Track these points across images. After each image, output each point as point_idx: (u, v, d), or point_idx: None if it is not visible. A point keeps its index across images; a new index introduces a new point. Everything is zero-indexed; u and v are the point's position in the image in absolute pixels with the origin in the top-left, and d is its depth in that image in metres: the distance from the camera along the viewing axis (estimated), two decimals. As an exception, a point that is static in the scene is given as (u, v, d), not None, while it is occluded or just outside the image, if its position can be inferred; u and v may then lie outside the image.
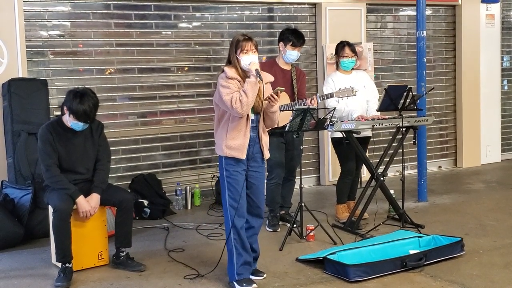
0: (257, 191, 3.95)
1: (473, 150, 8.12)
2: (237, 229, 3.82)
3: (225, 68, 3.85)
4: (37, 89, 5.37)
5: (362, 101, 5.29)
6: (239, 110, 3.66)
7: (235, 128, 3.77)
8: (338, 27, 6.94)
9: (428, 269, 4.12)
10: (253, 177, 3.91)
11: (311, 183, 7.15)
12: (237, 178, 3.82)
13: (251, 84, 3.69)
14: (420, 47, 6.04)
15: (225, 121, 3.82)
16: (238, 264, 3.85)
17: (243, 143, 3.79)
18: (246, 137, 3.80)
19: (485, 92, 8.14)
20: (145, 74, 6.22)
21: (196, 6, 6.43)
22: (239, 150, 3.78)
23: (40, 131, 4.20)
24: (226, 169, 3.83)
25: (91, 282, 4.08)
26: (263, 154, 3.94)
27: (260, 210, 3.99)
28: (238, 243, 3.84)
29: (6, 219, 4.83)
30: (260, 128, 3.91)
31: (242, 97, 3.66)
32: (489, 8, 8.10)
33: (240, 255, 3.85)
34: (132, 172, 6.15)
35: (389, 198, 5.33)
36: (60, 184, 4.13)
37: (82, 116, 4.08)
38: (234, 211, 3.82)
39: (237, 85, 3.78)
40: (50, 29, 5.77)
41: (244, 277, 3.86)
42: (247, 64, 3.76)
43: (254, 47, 3.82)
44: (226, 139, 3.79)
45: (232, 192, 3.82)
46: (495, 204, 6.03)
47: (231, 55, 3.86)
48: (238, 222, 3.82)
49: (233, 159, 3.80)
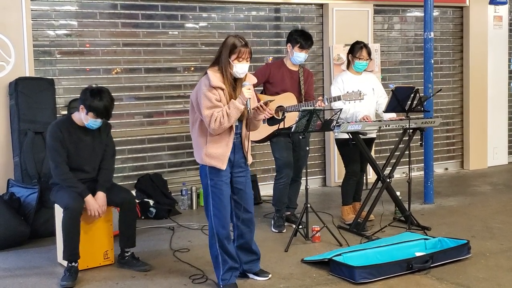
0: (244, 195, 3.82)
1: (480, 152, 8.09)
2: (220, 239, 3.74)
3: (209, 72, 3.60)
4: (44, 88, 5.39)
5: (370, 104, 5.26)
6: (216, 131, 3.51)
7: (217, 135, 3.59)
8: (345, 28, 6.93)
9: (434, 272, 4.10)
10: (239, 182, 3.79)
11: (317, 184, 7.14)
12: (221, 187, 3.66)
13: (237, 109, 3.51)
14: (428, 48, 6.02)
15: (203, 127, 3.60)
16: (223, 270, 3.78)
17: (225, 152, 3.60)
18: (228, 146, 3.62)
19: (493, 94, 8.11)
20: (151, 74, 6.23)
21: (203, 6, 6.43)
22: (220, 160, 3.60)
23: (50, 128, 4.19)
24: (210, 178, 3.66)
25: (96, 281, 4.08)
26: (246, 159, 3.79)
27: (250, 214, 3.87)
28: (223, 251, 3.77)
29: (12, 218, 4.84)
30: (243, 134, 3.76)
31: (223, 119, 3.47)
32: (497, 10, 8.06)
33: (226, 261, 3.78)
34: (138, 172, 6.16)
35: (395, 200, 5.31)
36: (69, 182, 4.13)
37: (103, 113, 4.08)
38: (218, 220, 3.71)
39: (219, 95, 3.57)
40: (57, 28, 5.79)
41: (230, 283, 3.80)
42: (240, 74, 3.61)
43: (249, 56, 3.64)
44: (206, 147, 3.59)
45: (216, 202, 3.68)
46: (502, 206, 5.99)
47: (222, 56, 3.62)
48: (221, 232, 3.73)
49: (214, 167, 3.64)
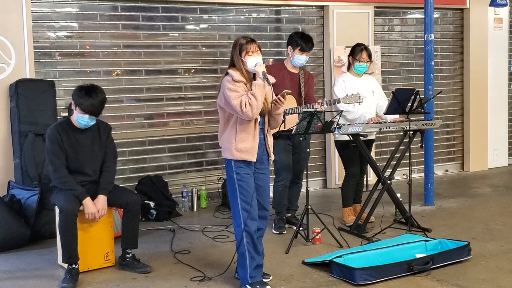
0: (264, 193, 3.94)
1: (480, 154, 8.09)
2: (250, 233, 3.79)
3: (230, 71, 3.80)
4: (44, 90, 5.40)
5: (370, 106, 5.26)
6: (250, 114, 3.64)
7: (244, 130, 3.75)
8: (345, 30, 6.94)
9: (435, 273, 4.10)
10: (260, 179, 3.91)
11: (318, 186, 7.14)
12: (248, 180, 3.80)
13: (259, 86, 3.67)
14: (428, 50, 6.03)
15: (232, 124, 3.79)
16: (251, 268, 3.81)
17: (253, 145, 3.78)
18: (255, 139, 3.79)
19: (493, 95, 8.12)
20: (152, 76, 6.23)
21: (203, 8, 6.43)
22: (250, 153, 3.77)
23: (49, 131, 4.20)
24: (237, 172, 3.79)
25: (97, 283, 4.08)
26: (269, 155, 3.93)
27: (267, 212, 3.99)
28: (251, 247, 3.81)
29: (12, 220, 4.84)
30: (265, 130, 3.90)
31: (251, 100, 3.64)
32: (498, 12, 8.07)
33: (253, 258, 3.82)
34: (139, 173, 6.16)
35: (396, 202, 5.31)
36: (67, 185, 4.13)
37: (89, 107, 4.04)
38: (247, 214, 3.79)
39: (244, 88, 3.75)
40: (58, 30, 5.79)
41: (257, 280, 3.84)
42: (253, 66, 3.72)
43: (258, 49, 3.80)
44: (235, 142, 3.76)
45: (244, 195, 3.80)
46: (502, 208, 6.00)
47: (235, 58, 3.80)
48: (251, 225, 3.80)
49: (243, 161, 3.78)
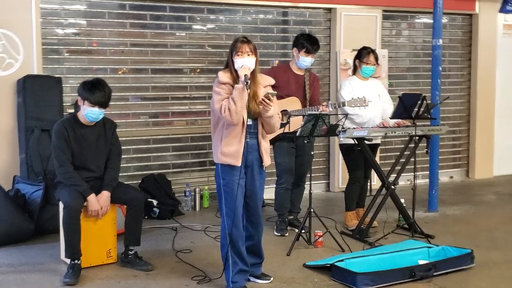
0: (256, 198, 3.86)
1: (486, 161, 8.05)
2: (232, 239, 3.73)
3: (220, 72, 3.74)
4: (52, 86, 5.42)
5: (376, 110, 5.24)
6: (229, 119, 3.57)
7: (229, 134, 3.67)
8: (352, 33, 6.92)
9: (437, 280, 4.08)
10: (252, 184, 3.82)
11: (321, 189, 7.13)
12: (233, 187, 3.70)
13: (238, 90, 3.56)
14: (436, 55, 6.00)
15: (220, 128, 3.72)
16: (233, 272, 3.78)
17: (238, 150, 3.67)
18: (241, 143, 3.68)
19: (500, 103, 8.07)
20: (158, 74, 6.25)
21: (211, 8, 6.44)
22: (234, 157, 3.67)
23: (55, 126, 4.21)
24: (222, 178, 3.72)
25: (99, 279, 4.09)
26: (263, 161, 3.83)
27: (259, 216, 3.92)
28: (234, 252, 3.77)
29: (17, 214, 4.86)
30: (259, 134, 3.80)
31: (230, 105, 3.55)
32: (507, 18, 8.03)
33: (236, 263, 3.78)
34: (143, 171, 6.17)
35: (399, 207, 5.29)
36: (72, 180, 4.15)
37: (97, 98, 4.06)
38: (230, 221, 3.72)
39: (229, 90, 3.66)
40: (66, 27, 5.81)
41: (239, 285, 3.79)
42: (239, 67, 3.65)
43: (250, 50, 3.68)
44: (221, 146, 3.69)
45: (228, 202, 3.72)
46: (507, 217, 5.96)
47: (229, 57, 3.75)
48: (234, 232, 3.73)
49: (228, 166, 3.69)
